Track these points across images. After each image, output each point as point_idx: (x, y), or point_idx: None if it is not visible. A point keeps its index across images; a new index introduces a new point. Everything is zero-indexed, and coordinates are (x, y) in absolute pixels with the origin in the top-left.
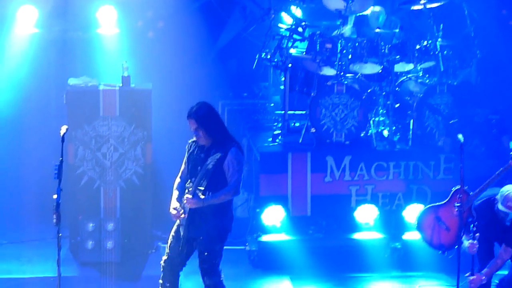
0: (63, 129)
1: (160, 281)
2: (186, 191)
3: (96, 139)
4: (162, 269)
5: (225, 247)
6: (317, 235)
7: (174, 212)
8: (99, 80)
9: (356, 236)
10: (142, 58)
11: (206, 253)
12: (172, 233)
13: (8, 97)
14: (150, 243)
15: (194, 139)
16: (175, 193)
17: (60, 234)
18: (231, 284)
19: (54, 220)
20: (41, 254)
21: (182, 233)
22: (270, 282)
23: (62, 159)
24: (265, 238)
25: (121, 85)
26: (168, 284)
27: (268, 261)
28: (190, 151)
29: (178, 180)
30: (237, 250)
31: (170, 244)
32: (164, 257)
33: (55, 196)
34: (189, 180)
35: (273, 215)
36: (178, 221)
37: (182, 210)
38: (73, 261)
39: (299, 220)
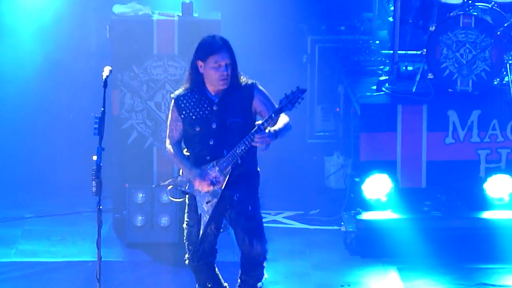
0: (106, 71)
1: (197, 286)
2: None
3: (148, 85)
4: (192, 270)
5: (313, 227)
6: (434, 213)
7: (209, 183)
8: (153, 8)
9: (486, 215)
10: None
11: (250, 207)
12: (186, 219)
13: (36, 29)
14: None
15: (181, 91)
16: (188, 163)
17: (100, 207)
18: (322, 275)
19: (94, 189)
20: (77, 231)
21: (207, 213)
22: (372, 273)
23: (104, 110)
24: (366, 216)
25: (180, 14)
26: (210, 284)
27: (369, 245)
28: (186, 107)
29: (172, 148)
30: (330, 231)
31: (189, 235)
32: (187, 255)
33: (94, 158)
34: (207, 142)
35: (377, 187)
36: (187, 206)
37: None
38: (117, 241)
39: (411, 193)
